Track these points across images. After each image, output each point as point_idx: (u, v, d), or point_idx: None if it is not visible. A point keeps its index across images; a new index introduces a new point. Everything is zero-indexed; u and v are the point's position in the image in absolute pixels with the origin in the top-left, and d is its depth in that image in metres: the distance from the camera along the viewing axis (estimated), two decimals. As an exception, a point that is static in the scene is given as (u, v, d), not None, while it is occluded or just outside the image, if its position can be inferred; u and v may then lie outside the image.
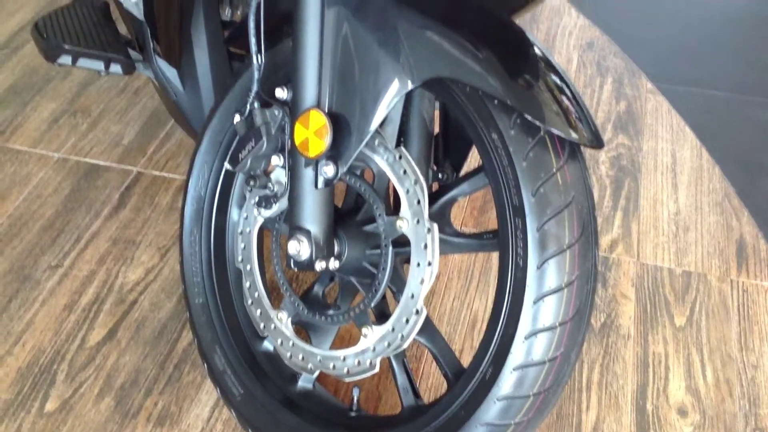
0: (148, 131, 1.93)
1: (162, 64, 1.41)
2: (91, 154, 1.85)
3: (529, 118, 0.95)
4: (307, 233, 1.09)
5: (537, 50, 1.03)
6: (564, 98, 1.00)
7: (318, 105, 1.05)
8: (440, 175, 1.26)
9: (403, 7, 1.02)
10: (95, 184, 1.77)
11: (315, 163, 1.07)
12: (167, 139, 1.91)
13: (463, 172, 1.23)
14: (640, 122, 2.00)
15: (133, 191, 1.75)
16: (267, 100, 1.14)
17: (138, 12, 1.34)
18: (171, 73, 1.41)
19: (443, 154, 1.27)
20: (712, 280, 1.58)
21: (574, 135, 0.95)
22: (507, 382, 0.98)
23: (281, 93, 1.13)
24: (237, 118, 1.17)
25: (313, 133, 1.05)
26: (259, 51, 1.13)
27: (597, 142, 0.98)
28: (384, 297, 1.16)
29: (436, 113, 1.23)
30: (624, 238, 1.66)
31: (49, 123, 1.93)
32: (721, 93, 2.12)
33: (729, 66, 2.24)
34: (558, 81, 1.01)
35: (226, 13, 1.64)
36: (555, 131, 0.95)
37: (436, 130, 1.24)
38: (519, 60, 1.02)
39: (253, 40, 1.12)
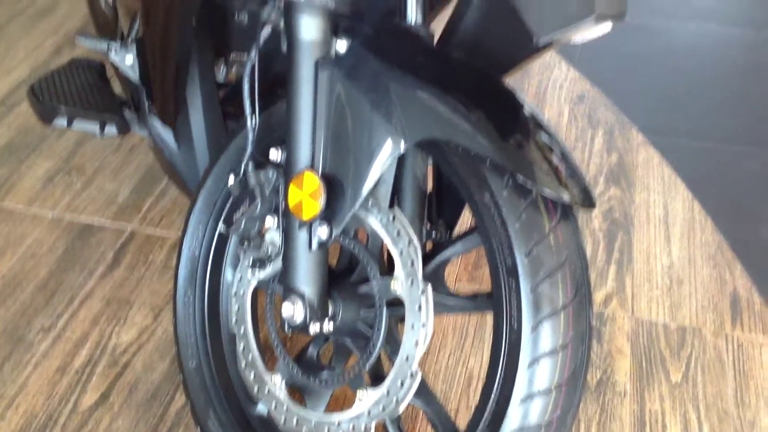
0: (143, 188, 1.93)
1: (157, 124, 1.43)
2: (86, 212, 1.85)
3: (521, 179, 0.96)
4: (302, 296, 1.09)
5: (527, 110, 1.04)
6: (555, 158, 1.01)
7: (312, 167, 1.06)
8: (434, 233, 1.26)
9: (395, 69, 1.03)
10: (89, 242, 1.77)
11: (309, 225, 1.07)
12: (162, 196, 1.91)
13: (456, 230, 1.23)
14: (631, 174, 2.02)
15: (127, 249, 1.75)
16: (261, 161, 1.15)
17: (134, 74, 1.36)
18: (166, 133, 1.42)
19: (436, 212, 1.27)
20: (706, 334, 1.57)
21: (566, 196, 0.96)
22: (503, 446, 0.98)
23: (275, 154, 1.14)
24: (231, 179, 1.17)
25: (307, 195, 1.05)
26: (253, 112, 1.14)
27: (589, 203, 0.99)
28: (379, 358, 1.16)
29: (429, 169, 1.24)
30: (618, 293, 1.66)
31: (44, 181, 1.94)
32: (711, 144, 2.14)
33: (718, 116, 2.26)
34: (548, 141, 1.02)
35: (221, 73, 1.66)
36: (547, 193, 0.96)
37: (429, 187, 1.25)
38: (510, 121, 1.03)
39: (247, 102, 1.13)
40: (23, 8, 2.57)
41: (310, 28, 1.04)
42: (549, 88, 2.37)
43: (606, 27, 0.96)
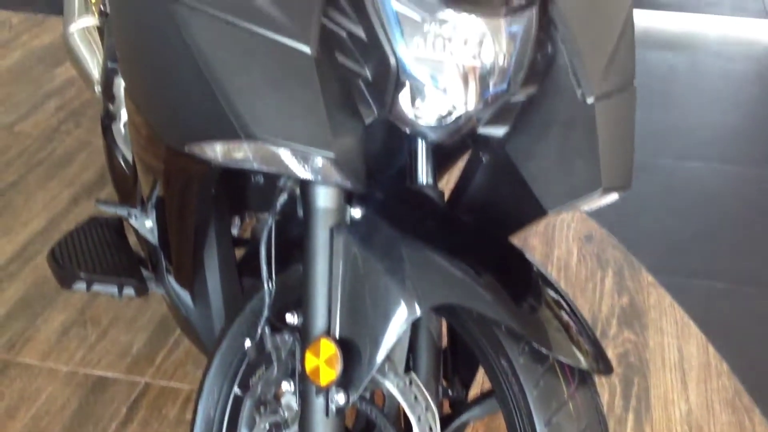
0: (157, 339, 1.94)
1: (174, 283, 1.45)
2: (100, 366, 1.85)
3: (536, 346, 0.97)
4: (319, 464, 1.08)
5: (536, 270, 1.06)
6: (570, 321, 1.02)
7: (328, 333, 1.07)
8: (450, 392, 1.26)
9: (408, 234, 1.05)
10: (103, 397, 1.76)
11: (326, 391, 1.07)
12: (176, 346, 1.92)
13: (473, 391, 1.23)
14: (644, 317, 2.02)
15: (140, 404, 1.74)
16: (277, 325, 1.16)
17: (152, 237, 1.39)
18: (183, 292, 1.44)
19: (452, 370, 1.27)
20: (731, 485, 1.55)
21: (583, 363, 0.97)
22: None
23: (291, 318, 1.15)
24: (248, 342, 1.18)
25: (323, 361, 1.06)
26: (270, 277, 1.16)
27: (605, 369, 0.99)
28: None
29: (444, 326, 1.25)
30: (638, 442, 1.64)
31: (59, 335, 1.95)
32: (721, 284, 2.15)
33: (727, 256, 2.28)
34: (561, 302, 1.04)
35: (236, 229, 1.68)
36: (563, 359, 0.96)
37: (444, 343, 1.25)
38: (521, 283, 1.04)
39: (264, 267, 1.15)
40: (41, 159, 2.65)
41: (325, 197, 1.07)
42: (557, 228, 2.41)
43: (613, 197, 0.99)
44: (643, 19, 3.64)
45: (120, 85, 1.79)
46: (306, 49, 0.89)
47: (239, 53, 0.90)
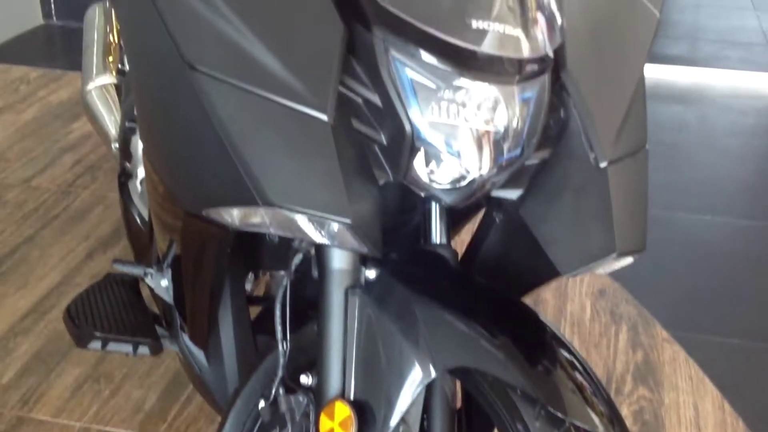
0: (170, 395, 1.94)
1: (188, 341, 1.45)
2: (113, 422, 1.85)
3: (552, 410, 0.96)
4: None
5: (550, 331, 1.06)
6: (584, 383, 1.02)
7: (343, 395, 1.07)
8: (464, 454, 1.25)
9: (423, 296, 1.06)
10: (115, 455, 1.76)
11: (341, 454, 1.07)
12: (188, 402, 1.91)
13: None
14: (658, 373, 2.01)
15: (153, 462, 1.74)
16: (292, 386, 1.16)
17: (168, 296, 1.40)
18: (197, 350, 1.44)
19: (467, 427, 1.27)
20: None
21: (599, 426, 0.96)
22: None
23: (306, 379, 1.15)
24: (262, 403, 1.18)
25: (337, 424, 1.06)
26: (284, 338, 1.16)
27: (621, 431, 0.99)
28: None
29: (458, 385, 1.24)
30: (655, 503, 1.62)
31: (73, 390, 1.95)
32: (736, 340, 2.14)
33: (740, 311, 2.27)
34: (575, 363, 1.04)
35: (249, 279, 1.69)
36: (580, 424, 0.96)
37: (458, 403, 1.25)
38: (535, 345, 1.05)
39: (279, 327, 1.16)
40: (57, 214, 2.67)
41: (341, 259, 1.08)
42: (570, 283, 2.40)
43: (627, 260, 0.99)
44: (654, 73, 3.68)
45: (137, 143, 1.81)
46: (323, 117, 0.91)
47: (257, 121, 0.91)
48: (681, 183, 2.94)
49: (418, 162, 0.97)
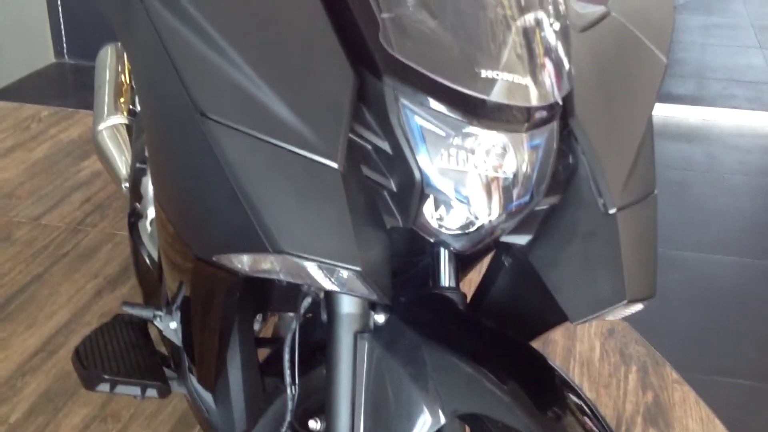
0: (177, 436, 1.93)
1: (196, 384, 1.45)
2: (120, 463, 1.84)
3: (562, 457, 0.96)
4: None
5: (558, 376, 1.06)
6: (594, 428, 1.02)
7: (351, 440, 1.07)
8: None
9: (432, 341, 1.06)
10: (122, 497, 1.75)
11: (350, 499, 1.06)
12: (195, 444, 1.91)
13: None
14: (669, 414, 1.99)
15: (159, 504, 1.73)
16: (300, 431, 1.15)
17: (176, 338, 1.40)
18: (205, 393, 1.44)
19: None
20: None
21: (609, 474, 0.96)
22: None
23: (314, 424, 1.15)
24: (271, 449, 1.18)
25: (347, 470, 1.06)
26: (293, 382, 1.16)
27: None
28: None
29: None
30: None
31: (80, 430, 1.95)
32: (746, 382, 2.12)
33: (750, 352, 2.25)
34: (584, 407, 1.03)
35: (257, 320, 1.69)
36: (590, 472, 0.95)
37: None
38: (544, 391, 1.04)
39: (287, 371, 1.15)
40: (66, 252, 2.68)
41: (350, 304, 1.08)
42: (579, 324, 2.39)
43: (637, 307, 0.99)
44: (661, 112, 3.69)
45: (147, 184, 1.82)
46: (334, 165, 0.91)
47: (268, 168, 0.92)
48: (688, 221, 2.94)
49: (428, 208, 0.98)
